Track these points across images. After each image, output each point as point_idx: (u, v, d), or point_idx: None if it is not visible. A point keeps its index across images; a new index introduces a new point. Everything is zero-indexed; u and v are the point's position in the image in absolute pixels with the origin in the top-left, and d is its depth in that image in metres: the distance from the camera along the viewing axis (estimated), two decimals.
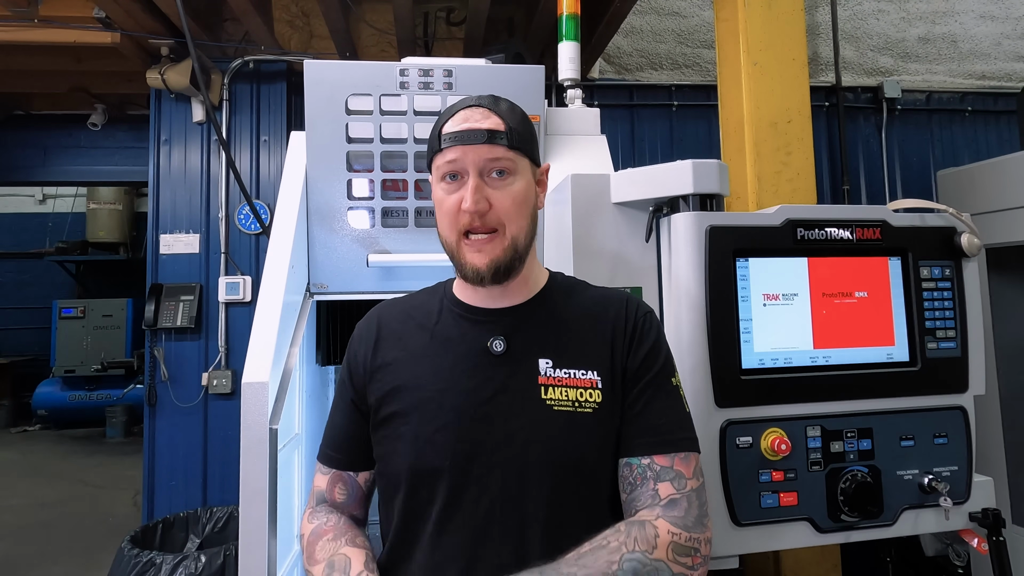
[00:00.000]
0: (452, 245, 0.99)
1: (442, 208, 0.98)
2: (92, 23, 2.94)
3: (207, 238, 3.20)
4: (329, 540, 0.98)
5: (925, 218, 1.41)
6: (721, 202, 1.33)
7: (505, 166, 0.97)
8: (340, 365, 1.13)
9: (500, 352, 0.99)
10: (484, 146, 0.95)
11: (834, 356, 1.34)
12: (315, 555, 0.97)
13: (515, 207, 0.97)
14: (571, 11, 1.95)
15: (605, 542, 0.88)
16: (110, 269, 8.59)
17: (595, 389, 0.98)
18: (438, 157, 0.98)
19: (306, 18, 3.42)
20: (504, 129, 0.97)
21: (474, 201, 0.94)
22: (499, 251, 0.96)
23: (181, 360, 3.14)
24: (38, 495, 5.23)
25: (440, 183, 0.99)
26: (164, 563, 2.32)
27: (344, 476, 1.06)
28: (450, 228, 0.98)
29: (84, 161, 4.93)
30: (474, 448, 0.94)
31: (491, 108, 0.99)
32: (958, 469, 1.35)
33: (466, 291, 1.05)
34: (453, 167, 0.97)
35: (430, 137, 1.02)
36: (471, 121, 0.97)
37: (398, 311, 1.09)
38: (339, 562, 0.93)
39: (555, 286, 1.08)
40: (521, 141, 0.98)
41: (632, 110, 3.53)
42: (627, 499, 0.96)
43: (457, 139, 0.96)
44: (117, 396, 7.27)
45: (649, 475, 0.95)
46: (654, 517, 0.91)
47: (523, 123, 1.01)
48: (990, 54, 3.84)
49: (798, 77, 2.30)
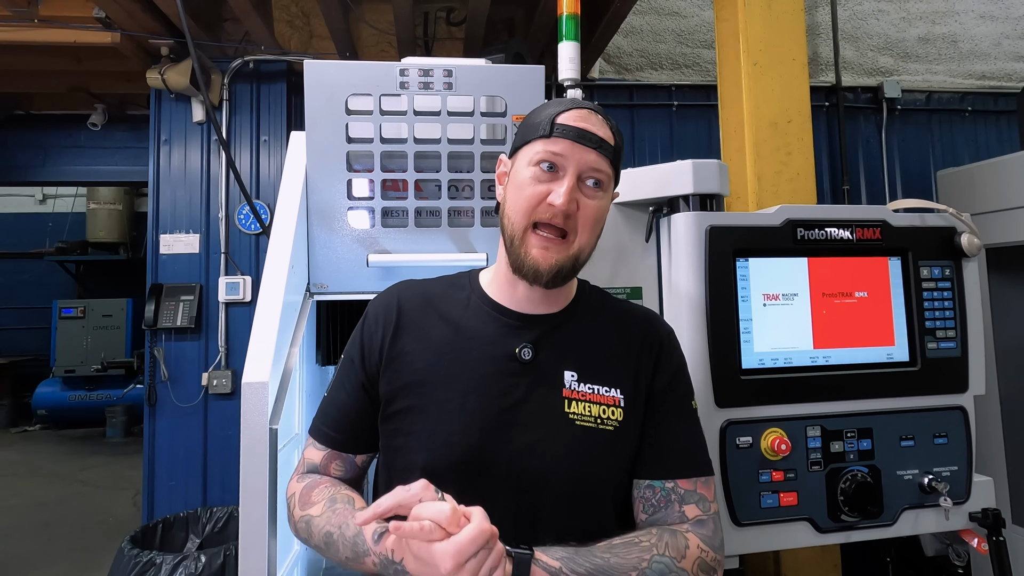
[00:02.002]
0: (518, 231, 0.95)
1: (523, 192, 0.95)
2: (92, 23, 2.94)
3: (207, 238, 3.20)
4: (327, 487, 0.97)
5: (925, 218, 1.41)
6: (721, 202, 1.33)
7: (602, 179, 0.96)
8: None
9: (527, 360, 0.97)
10: (593, 152, 0.95)
11: (834, 356, 1.34)
12: (311, 498, 0.96)
13: (593, 220, 0.96)
14: (571, 11, 1.95)
15: (637, 540, 0.89)
16: (110, 269, 8.59)
17: (617, 407, 0.97)
18: (541, 143, 0.95)
19: (306, 18, 3.42)
20: (613, 144, 0.98)
21: (567, 200, 0.92)
22: (564, 256, 0.95)
23: (181, 360, 3.14)
24: (38, 495, 5.23)
25: (532, 167, 0.95)
26: (164, 563, 2.32)
27: (342, 455, 1.04)
28: (524, 214, 0.94)
29: (84, 161, 4.93)
30: (490, 456, 0.92)
31: (605, 120, 0.99)
32: (958, 469, 1.35)
33: (501, 291, 1.02)
34: (556, 159, 0.94)
35: (533, 119, 0.99)
36: (588, 123, 0.96)
37: (418, 297, 1.05)
38: (341, 497, 0.93)
39: (585, 297, 1.07)
40: (618, 162, 1.00)
41: (632, 110, 3.53)
42: (647, 519, 0.97)
43: (572, 134, 0.94)
44: (117, 396, 7.27)
45: (674, 498, 0.96)
46: (685, 530, 0.93)
47: (622, 146, 1.02)
48: (990, 54, 3.84)
49: (798, 77, 2.30)
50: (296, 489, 1.01)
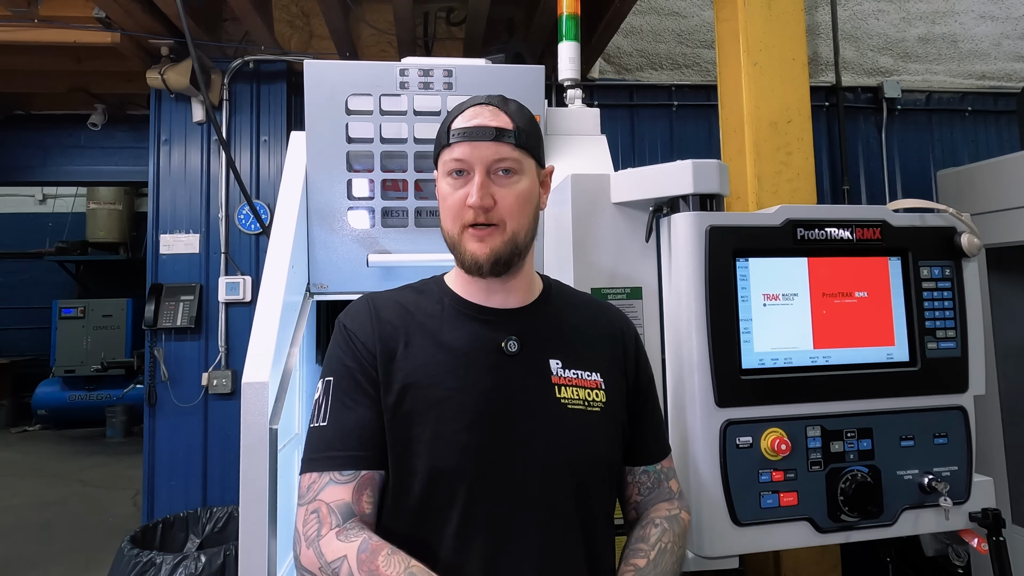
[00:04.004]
0: (454, 236, 0.99)
1: (446, 202, 0.99)
2: (92, 23, 2.94)
3: (207, 238, 3.20)
4: (389, 554, 0.86)
5: (925, 218, 1.41)
6: (721, 202, 1.33)
7: (511, 165, 0.98)
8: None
9: (514, 352, 0.99)
10: (492, 144, 0.97)
11: (834, 356, 1.34)
12: (379, 570, 0.84)
13: (518, 205, 0.98)
14: (571, 11, 1.95)
15: (664, 544, 1.00)
16: (110, 269, 8.59)
17: (599, 390, 1.03)
18: (446, 152, 1.00)
19: (306, 18, 3.42)
20: (512, 128, 0.99)
21: (480, 197, 0.95)
22: (499, 243, 0.97)
23: (181, 360, 3.14)
24: (38, 495, 5.24)
25: (446, 178, 1.00)
26: (164, 563, 2.32)
27: (373, 478, 0.94)
28: (453, 221, 0.99)
29: (84, 161, 4.92)
30: (496, 448, 0.94)
31: (500, 107, 1.01)
32: (958, 469, 1.35)
33: (472, 291, 1.04)
34: (460, 164, 0.98)
35: (438, 132, 1.03)
36: (480, 118, 0.99)
37: (394, 305, 1.03)
38: (419, 574, 0.84)
39: (553, 290, 1.11)
40: (528, 141, 1.00)
41: (632, 110, 3.53)
42: (642, 500, 1.09)
43: (466, 135, 0.97)
44: (117, 396, 7.27)
45: (663, 477, 1.10)
46: (678, 510, 1.08)
47: (530, 124, 1.02)
48: (990, 54, 3.84)
49: (798, 77, 2.30)
50: (348, 551, 0.86)
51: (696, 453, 1.25)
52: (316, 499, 0.92)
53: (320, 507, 0.91)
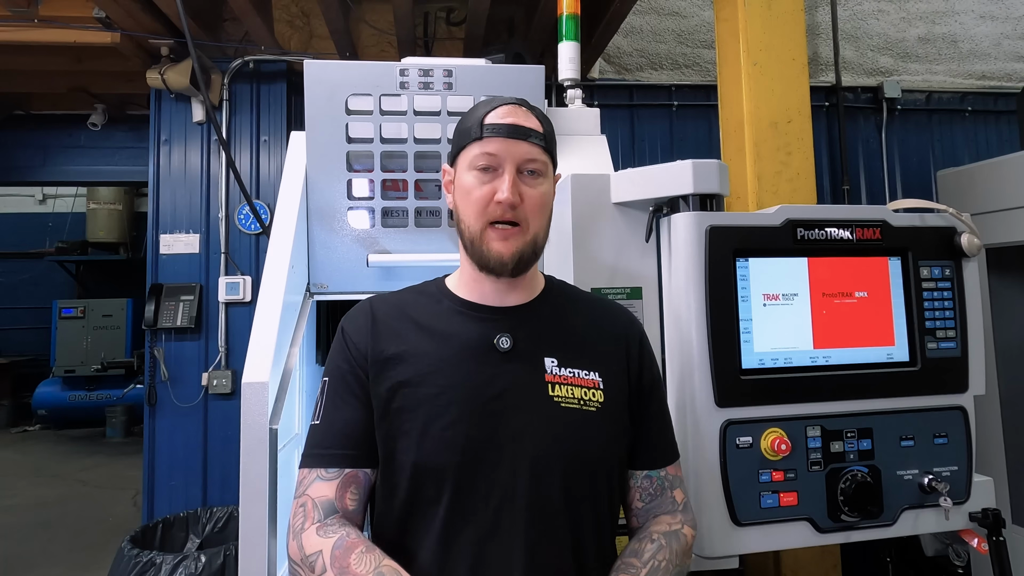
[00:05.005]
0: (476, 233, 0.99)
1: (470, 196, 0.99)
2: (92, 23, 2.94)
3: (207, 238, 3.20)
4: (363, 552, 0.88)
5: (925, 218, 1.41)
6: (721, 202, 1.33)
7: (539, 167, 1.00)
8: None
9: (506, 349, 0.99)
10: (524, 144, 0.99)
11: (834, 356, 1.34)
12: (351, 568, 0.86)
13: (540, 207, 1.00)
14: (571, 11, 1.95)
15: (657, 562, 0.96)
16: (110, 269, 8.60)
17: (597, 389, 1.01)
18: (476, 146, 0.99)
19: (306, 18, 3.42)
20: (542, 131, 1.01)
21: (511, 194, 0.96)
22: (523, 242, 0.99)
23: (181, 360, 3.14)
24: (38, 495, 5.24)
25: (471, 171, 1.00)
26: (164, 563, 2.32)
27: (358, 476, 0.97)
28: (477, 216, 0.99)
29: (84, 161, 4.93)
30: (484, 444, 0.94)
31: (530, 110, 1.03)
32: (958, 469, 1.35)
33: (470, 288, 1.05)
34: (492, 159, 0.98)
35: (464, 125, 1.03)
36: (514, 117, 1.00)
37: (392, 307, 1.06)
38: (388, 573, 0.85)
39: (555, 288, 1.11)
40: (551, 147, 1.04)
41: (632, 110, 3.53)
42: (643, 508, 1.05)
43: (501, 131, 0.98)
44: (117, 396, 7.27)
45: (667, 485, 1.07)
46: (680, 525, 1.03)
47: (552, 130, 1.05)
48: (990, 54, 3.84)
49: (798, 77, 2.30)
50: (323, 547, 0.89)
51: (696, 453, 1.25)
52: (304, 493, 0.96)
53: (307, 502, 0.95)
